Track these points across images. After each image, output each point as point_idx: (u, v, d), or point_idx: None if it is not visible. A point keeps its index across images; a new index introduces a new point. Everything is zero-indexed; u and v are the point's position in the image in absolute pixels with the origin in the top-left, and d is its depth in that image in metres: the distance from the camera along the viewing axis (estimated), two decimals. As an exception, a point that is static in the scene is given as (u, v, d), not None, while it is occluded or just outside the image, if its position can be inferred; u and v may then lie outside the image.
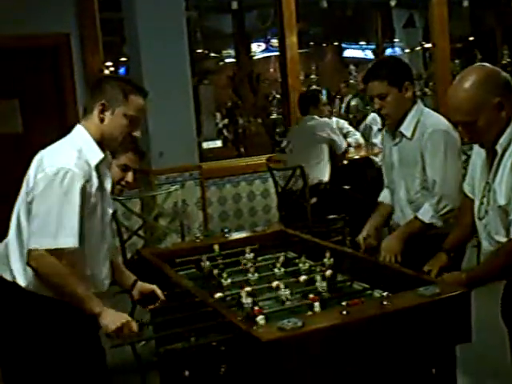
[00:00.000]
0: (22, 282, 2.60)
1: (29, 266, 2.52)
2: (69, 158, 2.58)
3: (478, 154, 2.77)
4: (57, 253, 2.49)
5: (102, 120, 2.68)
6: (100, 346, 2.77)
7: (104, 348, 2.77)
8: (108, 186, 2.80)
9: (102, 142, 2.70)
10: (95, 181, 2.65)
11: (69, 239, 2.51)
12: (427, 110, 3.35)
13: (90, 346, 2.69)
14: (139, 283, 2.99)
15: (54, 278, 2.50)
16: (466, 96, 2.53)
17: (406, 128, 3.29)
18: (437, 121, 3.25)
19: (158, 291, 2.94)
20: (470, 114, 2.54)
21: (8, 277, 2.65)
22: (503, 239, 2.59)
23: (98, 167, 2.68)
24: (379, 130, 7.90)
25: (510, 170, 2.51)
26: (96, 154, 2.68)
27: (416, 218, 3.26)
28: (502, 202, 2.54)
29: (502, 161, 2.56)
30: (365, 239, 3.40)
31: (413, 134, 3.27)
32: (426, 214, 3.21)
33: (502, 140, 2.55)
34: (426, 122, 3.25)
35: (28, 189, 2.61)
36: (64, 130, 2.78)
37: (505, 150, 2.55)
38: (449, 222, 3.21)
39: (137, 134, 2.76)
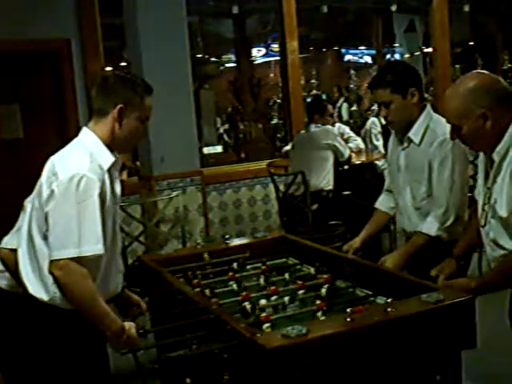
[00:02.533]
0: (44, 296, 2.55)
1: (52, 275, 2.45)
2: (82, 163, 2.50)
3: (481, 160, 2.76)
4: (80, 261, 2.43)
5: (119, 124, 2.60)
6: (105, 353, 2.74)
7: (108, 355, 2.74)
8: (118, 189, 2.73)
9: (111, 145, 2.63)
10: (108, 185, 2.58)
11: (93, 246, 2.45)
12: (436, 115, 3.29)
13: (95, 353, 2.66)
14: (126, 291, 2.94)
15: (78, 289, 2.45)
16: (453, 102, 2.58)
17: (415, 134, 3.24)
18: (447, 129, 3.18)
19: (143, 306, 2.91)
20: (455, 119, 2.59)
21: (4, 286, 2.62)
22: (507, 244, 2.57)
23: (109, 170, 2.61)
24: (379, 132, 7.93)
25: (510, 180, 2.50)
26: (107, 158, 2.61)
27: (420, 232, 3.20)
28: (503, 213, 2.53)
29: (501, 170, 2.55)
30: (354, 253, 3.39)
31: (421, 141, 3.23)
32: (432, 228, 3.16)
33: (499, 148, 2.54)
34: (436, 129, 3.19)
35: (42, 200, 2.53)
36: (65, 135, 2.76)
37: (502, 159, 2.54)
38: (456, 231, 3.19)
39: (144, 137, 2.73)
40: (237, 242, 3.80)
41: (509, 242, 2.57)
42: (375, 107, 7.63)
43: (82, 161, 2.52)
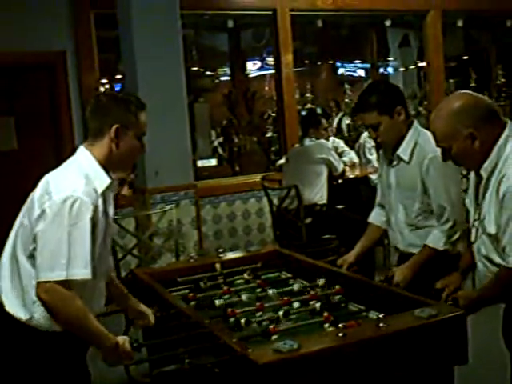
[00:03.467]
0: (22, 315, 2.51)
1: (39, 298, 2.42)
2: (77, 185, 2.47)
3: (472, 177, 2.78)
4: (67, 284, 2.40)
5: (117, 145, 2.57)
6: (86, 371, 2.70)
7: (90, 372, 2.72)
8: (111, 210, 2.70)
9: (108, 166, 2.60)
10: (101, 207, 2.55)
11: (81, 270, 2.41)
12: (424, 131, 3.29)
13: (76, 372, 2.63)
14: (133, 301, 2.94)
15: (67, 311, 2.42)
16: (439, 124, 2.60)
17: (404, 152, 3.25)
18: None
19: (151, 318, 2.89)
20: (443, 142, 2.61)
21: None
22: (497, 259, 2.58)
23: (103, 193, 2.58)
24: (373, 146, 7.94)
25: (496, 198, 2.51)
26: (103, 181, 2.57)
27: (427, 246, 3.21)
28: (491, 230, 2.55)
29: (489, 187, 2.57)
30: (348, 268, 3.40)
31: (411, 158, 3.23)
32: (439, 242, 3.17)
33: (487, 165, 2.56)
34: (425, 145, 3.19)
35: (32, 218, 2.49)
36: (59, 148, 2.74)
37: (490, 176, 2.56)
38: (459, 244, 3.22)
39: (144, 152, 2.72)
40: (230, 255, 3.80)
41: (499, 258, 2.58)
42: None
43: (76, 183, 2.48)
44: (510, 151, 2.52)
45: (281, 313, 2.74)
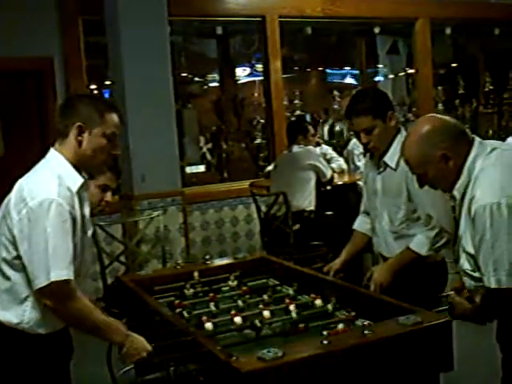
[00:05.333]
0: (9, 319, 2.52)
1: (45, 304, 2.44)
2: (50, 187, 2.46)
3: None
4: (65, 285, 2.42)
5: (80, 143, 2.57)
6: (68, 377, 2.70)
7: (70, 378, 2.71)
8: (87, 209, 2.69)
9: (79, 165, 2.60)
10: (77, 206, 2.55)
11: (63, 272, 2.41)
12: None
13: (57, 376, 2.62)
14: None
15: (69, 310, 2.45)
16: (411, 152, 2.60)
17: (391, 158, 3.25)
18: None
19: None
20: (418, 168, 2.60)
21: None
22: (476, 274, 2.58)
23: (78, 192, 2.58)
24: (361, 153, 7.96)
25: (469, 218, 2.49)
26: (76, 180, 2.58)
27: (410, 249, 3.20)
28: (469, 250, 2.54)
29: (463, 207, 2.56)
30: (334, 275, 3.41)
31: (397, 165, 3.22)
32: (423, 247, 3.17)
33: (459, 185, 2.55)
34: None
35: (11, 224, 2.49)
36: (46, 154, 2.71)
37: (463, 196, 2.55)
38: (441, 252, 3.23)
39: (117, 151, 2.70)
40: (217, 262, 3.79)
41: (476, 272, 2.57)
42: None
43: (50, 185, 2.48)
44: (478, 171, 2.50)
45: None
